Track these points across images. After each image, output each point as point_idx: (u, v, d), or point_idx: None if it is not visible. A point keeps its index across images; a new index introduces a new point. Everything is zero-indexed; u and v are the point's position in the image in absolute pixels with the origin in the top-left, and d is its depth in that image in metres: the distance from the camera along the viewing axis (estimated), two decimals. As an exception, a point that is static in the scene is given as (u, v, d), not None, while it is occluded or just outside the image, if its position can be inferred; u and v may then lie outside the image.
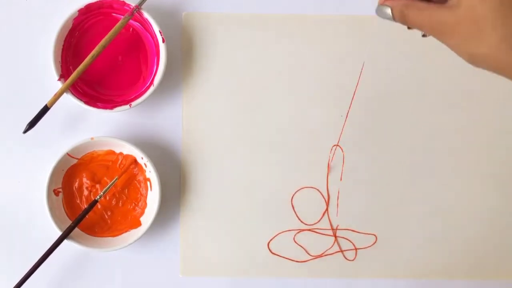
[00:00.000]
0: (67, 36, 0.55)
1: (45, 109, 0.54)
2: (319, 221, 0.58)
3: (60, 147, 0.55)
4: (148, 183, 0.56)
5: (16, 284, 0.54)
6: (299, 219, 0.58)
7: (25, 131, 0.54)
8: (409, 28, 0.42)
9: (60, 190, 0.56)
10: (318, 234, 0.58)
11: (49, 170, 0.54)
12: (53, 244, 0.54)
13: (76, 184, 0.57)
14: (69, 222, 0.55)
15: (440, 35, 0.39)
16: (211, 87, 0.58)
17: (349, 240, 0.58)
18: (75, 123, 0.58)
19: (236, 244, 0.58)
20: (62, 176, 0.56)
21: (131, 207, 0.57)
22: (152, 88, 0.55)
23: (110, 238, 0.56)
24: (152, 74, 0.56)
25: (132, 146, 0.55)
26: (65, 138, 0.57)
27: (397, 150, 0.58)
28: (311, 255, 0.58)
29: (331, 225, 0.58)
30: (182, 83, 0.58)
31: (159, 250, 0.58)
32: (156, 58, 0.56)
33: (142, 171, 0.57)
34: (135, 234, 0.55)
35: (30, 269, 0.54)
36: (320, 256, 0.58)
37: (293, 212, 0.58)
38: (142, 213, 0.57)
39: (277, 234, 0.58)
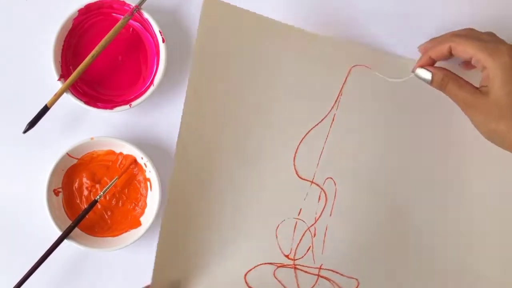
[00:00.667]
0: (67, 36, 0.55)
1: (45, 109, 0.54)
2: (303, 257, 0.55)
3: (60, 147, 0.55)
4: (148, 183, 0.56)
5: (16, 284, 0.54)
6: (282, 252, 0.54)
7: (25, 131, 0.54)
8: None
9: (60, 190, 0.56)
10: (300, 271, 0.55)
11: (49, 170, 0.54)
12: (53, 244, 0.54)
13: (76, 184, 0.57)
14: (69, 222, 0.55)
15: (468, 111, 0.50)
16: (216, 89, 0.54)
17: (332, 282, 0.55)
18: (75, 123, 0.58)
19: (214, 264, 0.54)
20: (62, 176, 0.56)
21: (131, 207, 0.57)
22: (152, 88, 0.55)
23: (110, 238, 0.56)
24: (152, 74, 0.56)
25: (132, 146, 0.55)
26: (65, 138, 0.57)
27: (395, 190, 0.56)
28: None
29: (314, 262, 0.55)
30: (186, 82, 0.58)
31: (159, 250, 0.58)
32: (156, 58, 0.56)
33: (142, 171, 0.57)
34: (135, 234, 0.55)
35: (30, 269, 0.54)
36: None
37: (277, 244, 0.54)
38: (142, 213, 0.57)
39: (257, 266, 0.54)
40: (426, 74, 0.51)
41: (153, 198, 0.56)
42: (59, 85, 0.54)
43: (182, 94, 0.58)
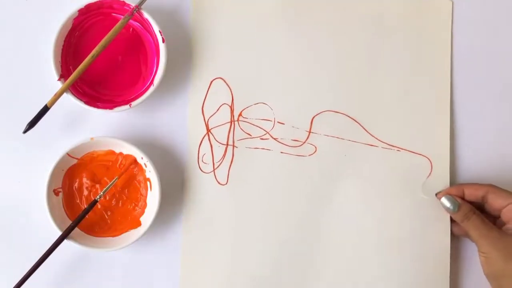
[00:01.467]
0: (67, 36, 0.55)
1: (45, 109, 0.54)
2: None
3: (60, 147, 0.55)
4: (148, 183, 0.56)
5: (16, 284, 0.54)
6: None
7: (25, 131, 0.53)
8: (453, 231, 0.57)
9: (60, 190, 0.56)
10: None
11: (49, 170, 0.54)
12: (53, 244, 0.54)
13: (76, 184, 0.57)
14: (69, 222, 0.55)
15: (484, 246, 0.52)
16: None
17: None
18: (75, 123, 0.58)
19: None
20: (62, 176, 0.56)
21: (131, 207, 0.57)
22: (152, 88, 0.55)
23: (110, 238, 0.56)
24: (152, 74, 0.56)
25: (132, 146, 0.55)
26: (65, 138, 0.57)
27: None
28: None
29: None
30: (186, 82, 0.58)
31: (159, 250, 0.58)
32: (156, 58, 0.56)
33: (142, 171, 0.57)
34: (135, 234, 0.55)
35: (30, 269, 0.54)
36: None
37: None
38: (142, 213, 0.57)
39: None
40: (452, 203, 0.54)
41: (153, 198, 0.56)
42: (59, 85, 0.54)
43: (182, 94, 0.58)
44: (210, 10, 0.58)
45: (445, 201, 0.55)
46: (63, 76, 0.55)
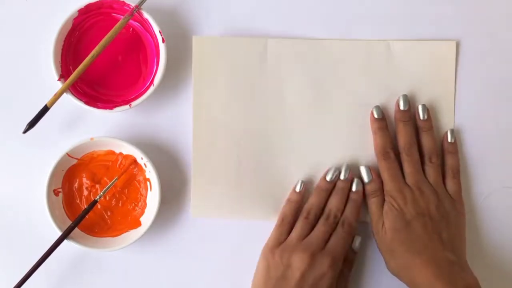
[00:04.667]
0: (67, 36, 0.55)
1: (45, 109, 0.54)
2: None
3: (60, 147, 0.55)
4: (148, 183, 0.56)
5: (16, 284, 0.54)
6: None
7: (25, 131, 0.54)
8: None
9: (60, 190, 0.56)
10: None
11: (49, 170, 0.54)
12: (53, 244, 0.54)
13: (76, 184, 0.57)
14: (69, 222, 0.55)
15: (374, 229, 0.55)
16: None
17: None
18: (75, 123, 0.58)
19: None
20: (62, 176, 0.56)
21: (131, 207, 0.57)
22: (152, 88, 0.55)
23: (110, 238, 0.56)
24: (152, 74, 0.56)
25: (132, 146, 0.55)
26: (65, 138, 0.57)
27: None
28: None
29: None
30: (186, 82, 0.58)
31: (159, 250, 0.58)
32: (156, 58, 0.56)
33: (142, 171, 0.57)
34: (135, 234, 0.55)
35: (30, 269, 0.54)
36: None
37: None
38: (142, 213, 0.57)
39: None
40: (367, 174, 0.56)
41: (153, 198, 0.56)
42: (59, 85, 0.54)
43: (182, 94, 0.58)
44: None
45: (361, 169, 0.56)
46: (63, 76, 0.55)
